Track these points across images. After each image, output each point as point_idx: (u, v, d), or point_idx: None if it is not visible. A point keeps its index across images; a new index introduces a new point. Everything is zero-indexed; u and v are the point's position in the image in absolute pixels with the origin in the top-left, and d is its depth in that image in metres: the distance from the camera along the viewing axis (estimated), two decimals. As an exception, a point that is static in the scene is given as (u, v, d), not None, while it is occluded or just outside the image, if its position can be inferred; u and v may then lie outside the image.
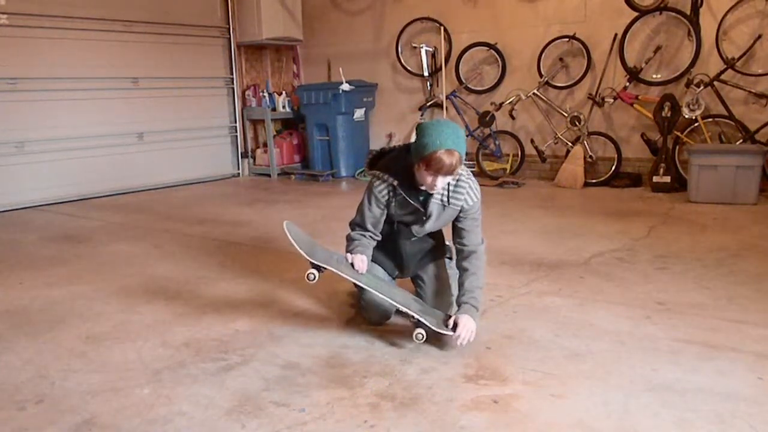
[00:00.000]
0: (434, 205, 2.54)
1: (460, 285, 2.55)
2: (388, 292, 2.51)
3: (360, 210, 2.65)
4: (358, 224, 2.67)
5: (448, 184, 2.51)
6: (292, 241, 2.49)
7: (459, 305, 2.49)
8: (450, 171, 2.36)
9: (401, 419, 1.89)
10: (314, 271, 2.49)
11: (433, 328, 2.39)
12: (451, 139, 2.35)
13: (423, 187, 2.51)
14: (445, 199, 2.53)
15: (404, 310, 2.42)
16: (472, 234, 2.59)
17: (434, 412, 1.93)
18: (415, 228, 2.64)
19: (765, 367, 2.17)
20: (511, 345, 2.42)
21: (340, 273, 2.49)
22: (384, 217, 2.64)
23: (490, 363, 2.26)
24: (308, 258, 2.48)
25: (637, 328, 2.55)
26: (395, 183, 2.52)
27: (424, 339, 2.39)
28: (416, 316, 2.39)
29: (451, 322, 2.41)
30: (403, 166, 2.53)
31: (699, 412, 1.88)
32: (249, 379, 2.19)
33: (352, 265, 2.56)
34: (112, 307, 2.99)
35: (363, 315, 2.66)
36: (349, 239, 2.67)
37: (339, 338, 2.52)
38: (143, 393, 2.10)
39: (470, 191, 2.55)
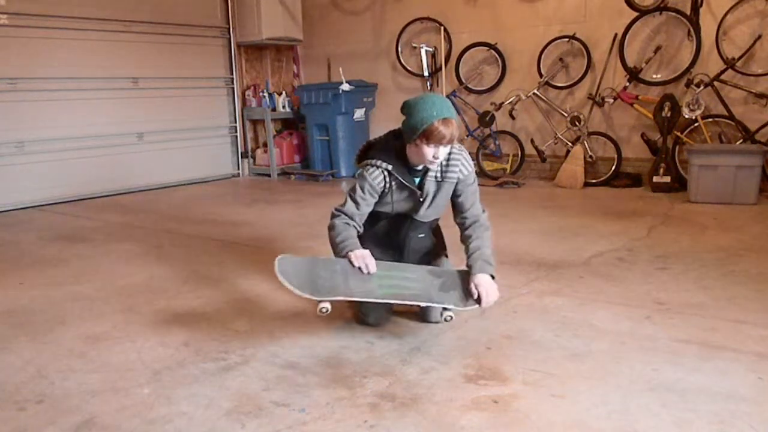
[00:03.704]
0: (430, 184, 2.56)
1: (467, 250, 2.56)
2: (407, 292, 2.38)
3: (351, 198, 2.56)
4: (345, 212, 2.56)
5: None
6: (291, 288, 2.26)
7: (470, 267, 2.50)
8: (451, 140, 2.40)
9: (401, 419, 1.89)
10: (326, 304, 2.31)
11: (458, 308, 2.43)
12: (445, 109, 2.40)
13: (419, 168, 2.53)
14: (439, 174, 2.55)
15: (428, 305, 2.45)
16: (473, 207, 2.62)
17: (434, 412, 1.93)
18: (414, 215, 2.63)
19: (765, 367, 2.17)
20: (511, 345, 2.42)
21: (353, 299, 2.38)
22: (370, 209, 2.60)
23: (490, 363, 2.26)
24: (316, 299, 2.29)
25: (637, 328, 2.55)
26: (390, 168, 2.52)
27: (452, 318, 2.48)
28: (438, 305, 2.43)
29: (473, 287, 2.42)
30: (395, 151, 2.55)
31: (699, 412, 1.88)
32: (249, 379, 2.19)
33: (360, 269, 2.42)
34: (112, 307, 2.99)
35: (362, 318, 2.64)
36: (336, 230, 2.53)
37: (339, 338, 2.52)
38: (143, 393, 2.10)
39: (464, 162, 2.59)
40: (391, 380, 2.15)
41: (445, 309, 2.46)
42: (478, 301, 2.42)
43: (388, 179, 2.55)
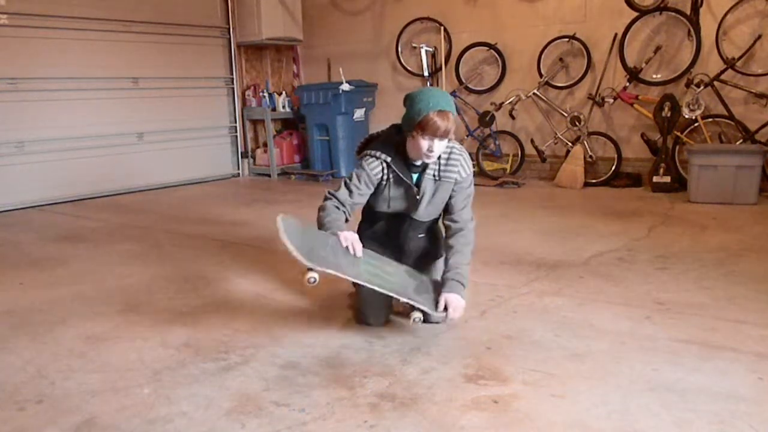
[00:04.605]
0: (427, 182, 2.55)
1: (446, 262, 2.56)
2: (385, 282, 2.42)
3: (346, 185, 2.55)
4: (338, 197, 2.53)
5: (439, 157, 2.52)
6: (289, 245, 2.24)
7: (444, 282, 2.50)
8: (446, 133, 2.39)
9: (401, 419, 1.89)
10: (314, 274, 2.29)
11: (430, 312, 2.43)
12: (443, 101, 2.39)
13: (417, 163, 2.53)
14: (437, 173, 2.54)
15: (403, 300, 2.42)
16: (463, 211, 2.60)
17: (434, 412, 1.93)
18: (413, 214, 2.63)
19: (765, 367, 2.17)
20: (511, 345, 2.42)
21: (341, 275, 2.34)
22: (363, 200, 2.60)
23: (490, 363, 2.26)
24: (307, 263, 2.26)
25: (637, 328, 2.55)
26: (389, 160, 2.52)
27: (421, 321, 2.45)
28: (413, 303, 2.41)
29: (441, 303, 2.44)
30: (395, 145, 2.55)
31: (699, 412, 1.88)
32: (249, 379, 2.19)
33: (347, 248, 2.42)
34: (112, 307, 2.99)
35: (362, 317, 2.65)
36: (325, 211, 2.51)
37: (339, 338, 2.52)
38: (143, 393, 2.10)
39: (464, 162, 2.58)
40: (391, 380, 2.15)
41: (415, 310, 2.44)
42: (446, 309, 2.44)
43: (386, 171, 2.54)
